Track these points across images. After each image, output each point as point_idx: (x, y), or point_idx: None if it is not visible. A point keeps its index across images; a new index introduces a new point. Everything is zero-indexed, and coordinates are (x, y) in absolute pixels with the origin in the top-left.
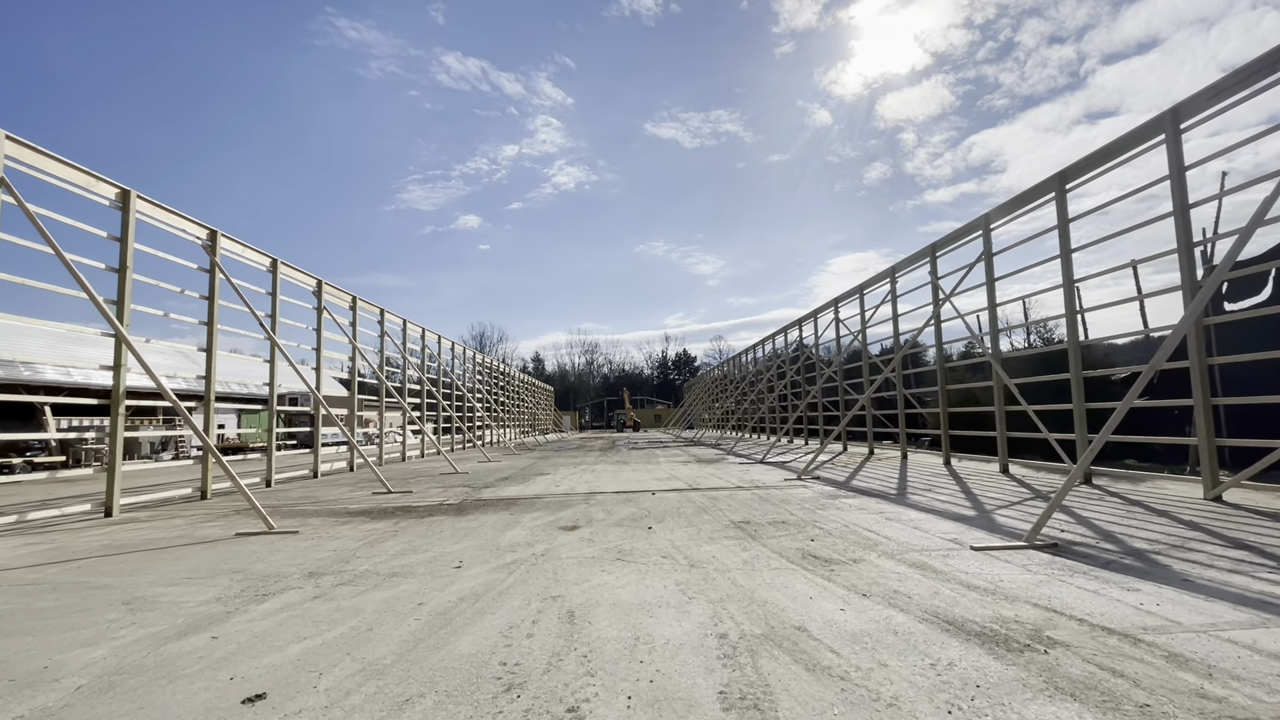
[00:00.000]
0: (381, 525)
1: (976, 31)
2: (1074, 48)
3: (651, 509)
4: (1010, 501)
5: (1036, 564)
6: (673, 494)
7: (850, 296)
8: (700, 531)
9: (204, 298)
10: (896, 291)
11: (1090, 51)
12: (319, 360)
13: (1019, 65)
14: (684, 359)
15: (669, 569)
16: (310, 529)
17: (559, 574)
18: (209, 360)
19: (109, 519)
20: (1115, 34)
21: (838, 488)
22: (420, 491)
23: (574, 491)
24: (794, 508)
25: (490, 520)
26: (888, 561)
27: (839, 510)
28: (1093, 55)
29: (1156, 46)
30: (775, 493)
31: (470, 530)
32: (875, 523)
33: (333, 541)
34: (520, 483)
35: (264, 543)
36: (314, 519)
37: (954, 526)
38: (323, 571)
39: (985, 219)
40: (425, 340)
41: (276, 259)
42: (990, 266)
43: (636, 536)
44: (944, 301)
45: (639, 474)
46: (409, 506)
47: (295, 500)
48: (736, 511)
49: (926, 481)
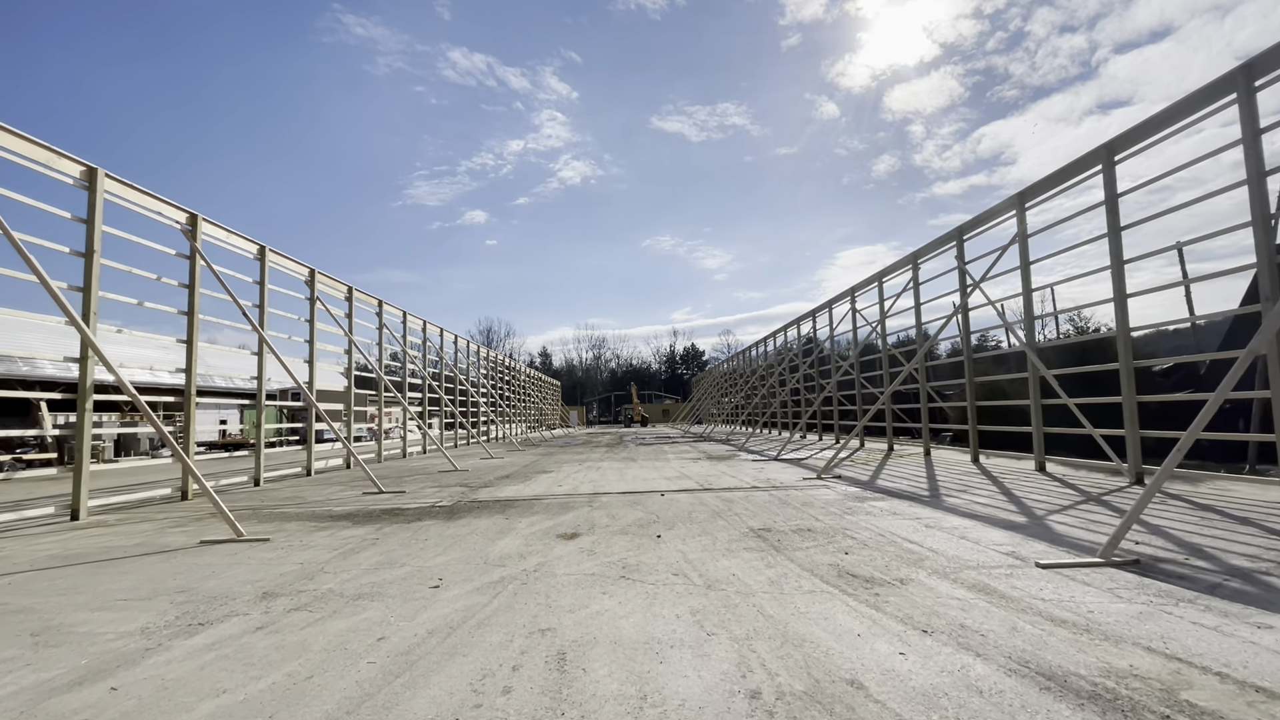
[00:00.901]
0: (362, 531)
1: (986, 21)
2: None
3: (660, 513)
4: (1060, 505)
5: (1125, 588)
6: (683, 495)
7: (868, 285)
8: (716, 541)
9: (184, 286)
10: (919, 279)
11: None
12: (311, 353)
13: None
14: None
15: (682, 591)
16: (284, 536)
17: (551, 597)
18: (189, 352)
19: (75, 523)
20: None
21: (863, 488)
22: (413, 491)
23: (577, 492)
24: (818, 512)
25: (482, 526)
26: (942, 582)
27: (869, 515)
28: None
29: (1170, 35)
30: (795, 494)
31: (458, 539)
32: (914, 531)
33: (303, 552)
34: (520, 482)
35: (226, 553)
36: (292, 523)
37: (1006, 536)
38: (279, 591)
39: (1019, 198)
40: (427, 333)
41: (265, 246)
42: (1025, 249)
43: (644, 547)
44: (973, 288)
45: (647, 472)
46: (397, 509)
47: (279, 501)
48: (755, 516)
49: (959, 481)
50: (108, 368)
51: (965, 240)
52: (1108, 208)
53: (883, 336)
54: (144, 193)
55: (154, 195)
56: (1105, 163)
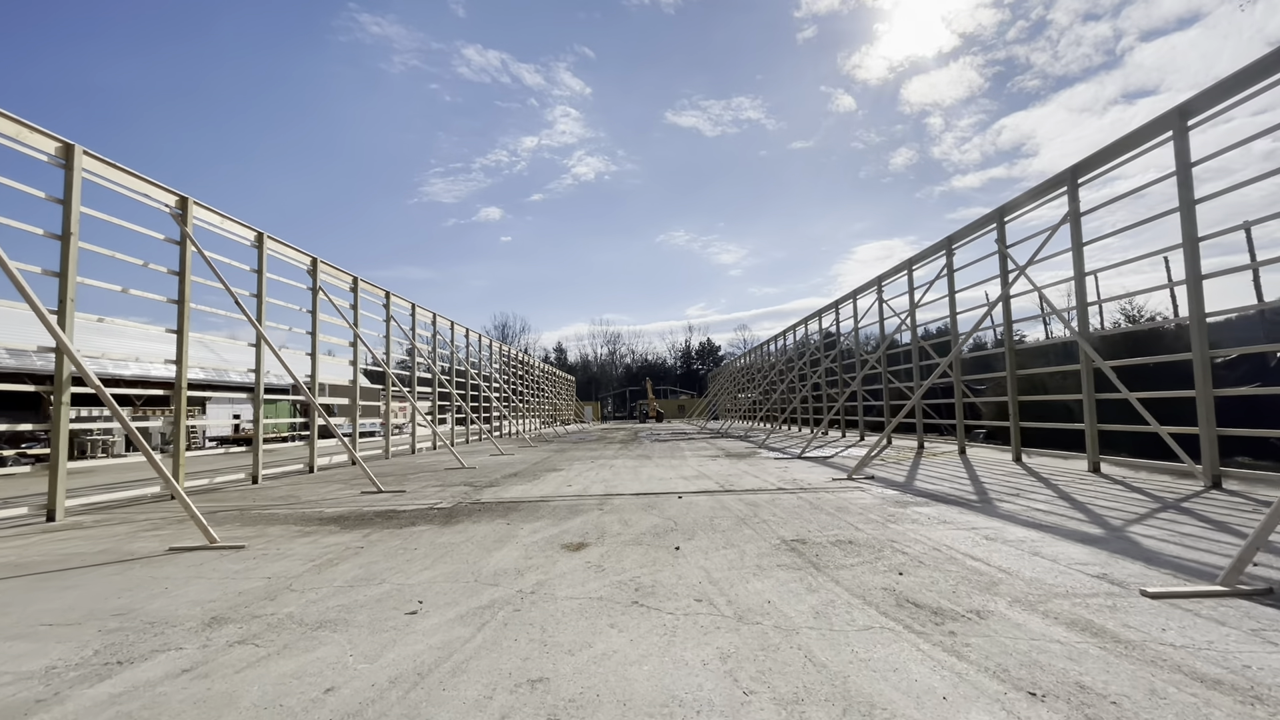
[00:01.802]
0: (348, 538)
1: (1006, 10)
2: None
3: (678, 519)
4: (1135, 514)
5: (1274, 629)
6: (703, 497)
7: (896, 274)
8: (744, 555)
9: (173, 273)
10: (954, 265)
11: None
12: (314, 346)
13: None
14: (707, 348)
15: (707, 624)
16: (261, 542)
17: (549, 630)
18: (180, 344)
19: (50, 524)
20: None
21: (900, 491)
22: (414, 491)
23: (587, 493)
24: (856, 519)
25: (480, 534)
26: (1030, 616)
27: (916, 524)
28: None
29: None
30: (827, 497)
31: (451, 548)
32: (974, 544)
33: (276, 562)
34: (528, 481)
35: (191, 564)
36: (275, 527)
37: (1088, 553)
38: (230, 616)
39: (1072, 172)
40: (437, 326)
41: (262, 232)
42: (1078, 229)
43: (660, 562)
44: (1018, 274)
45: (663, 471)
46: (392, 511)
47: (271, 501)
48: (785, 524)
49: (1007, 484)
50: (72, 360)
51: (1006, 222)
52: (1179, 179)
53: (913, 329)
54: (128, 173)
55: (139, 175)
56: (1177, 129)
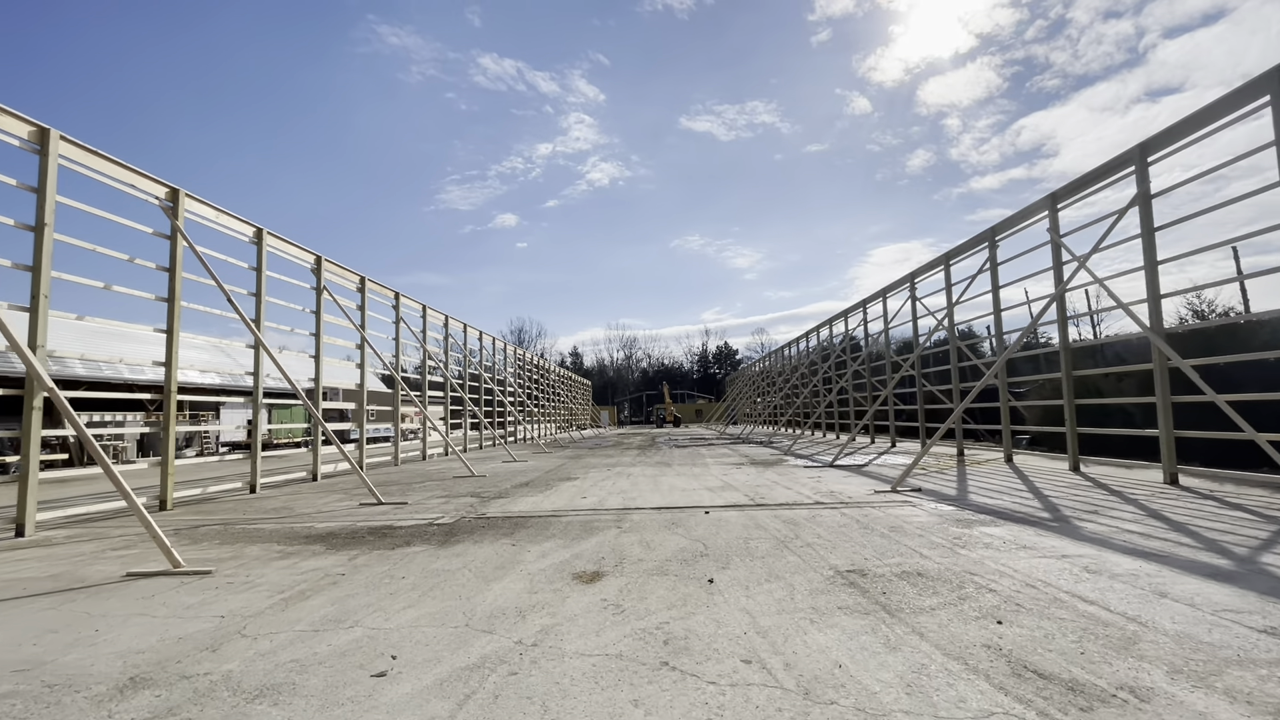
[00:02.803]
0: (330, 562)
1: (1025, 10)
2: (1132, 22)
3: (708, 540)
4: (1257, 539)
5: None
6: (733, 513)
7: (931, 270)
8: (793, 592)
9: (162, 269)
10: (997, 259)
11: (1150, 25)
12: (318, 348)
13: (1071, 43)
14: (725, 352)
15: (763, 702)
16: (232, 567)
17: (552, 711)
18: (169, 344)
19: (18, 540)
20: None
21: (956, 506)
22: (417, 503)
23: (603, 506)
24: (917, 542)
25: (480, 557)
26: (1211, 700)
27: (991, 549)
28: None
29: (1224, 17)
30: (875, 514)
31: (444, 577)
32: (1076, 579)
33: (239, 595)
34: (540, 491)
35: (142, 594)
36: (256, 546)
37: (1232, 595)
38: (153, 677)
39: (1141, 150)
40: (449, 329)
41: (262, 228)
42: (1148, 212)
43: (692, 601)
44: (1077, 268)
45: (685, 481)
46: (387, 528)
47: (261, 515)
48: (834, 548)
49: (1077, 498)
50: (22, 356)
51: (1060, 209)
52: None
53: (951, 328)
54: (111, 160)
55: (123, 164)
56: (1276, 94)
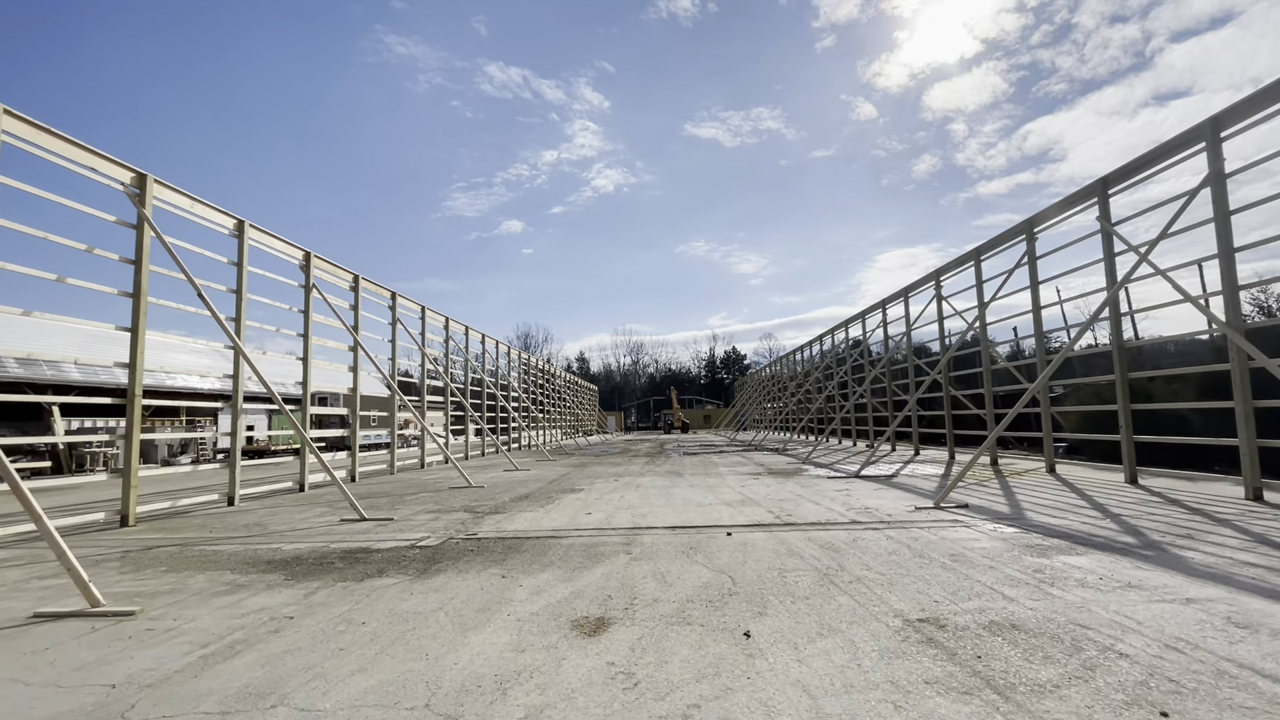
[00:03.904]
0: (282, 599)
1: (1030, 14)
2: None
3: (735, 572)
4: None
5: None
6: (759, 535)
7: (960, 266)
8: (857, 654)
9: (127, 261)
10: (1035, 253)
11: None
12: (306, 350)
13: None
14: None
15: None
16: (167, 603)
17: None
18: (134, 343)
19: None
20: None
21: (1018, 527)
22: (404, 518)
23: (610, 525)
24: (990, 577)
25: (462, 594)
26: None
27: (1087, 588)
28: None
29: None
30: (926, 537)
31: (414, 623)
32: (1232, 640)
33: (152, 649)
34: (540, 505)
35: (28, 649)
36: (204, 575)
37: None
38: None
39: (1212, 125)
40: (450, 332)
41: (244, 221)
42: (1222, 194)
43: (726, 669)
44: (1138, 260)
45: (699, 493)
46: (363, 551)
47: (229, 533)
48: (892, 585)
49: (1156, 517)
50: None
51: (1111, 195)
52: None
53: (983, 329)
54: (69, 141)
55: (83, 146)
56: None
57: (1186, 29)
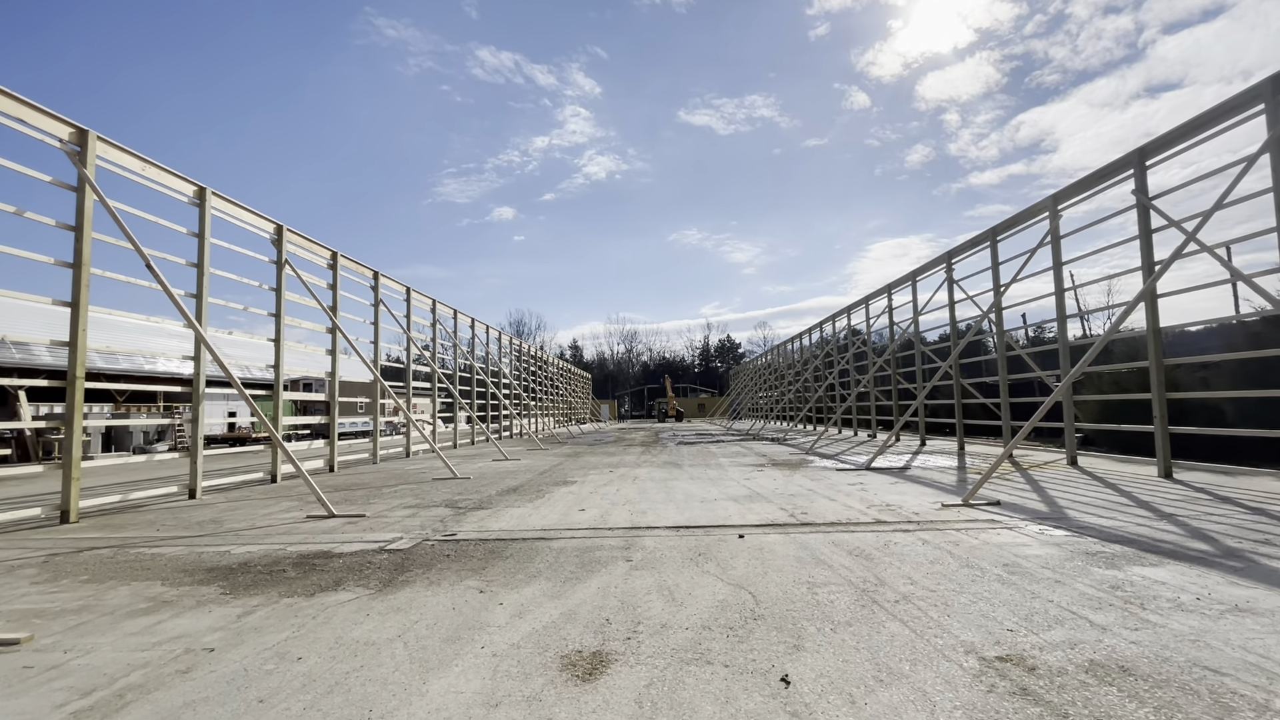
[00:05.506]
0: (207, 622)
1: (1024, 5)
2: (1131, 17)
3: (755, 587)
4: None
5: None
6: (775, 537)
7: (975, 248)
8: (935, 714)
9: (67, 227)
10: (1059, 231)
11: (1149, 21)
12: (278, 331)
13: (1071, 39)
14: (727, 345)
15: None
16: (65, 627)
17: None
18: (74, 319)
19: None
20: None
21: (1067, 529)
22: (376, 515)
23: (606, 525)
24: (1062, 596)
25: (429, 615)
26: None
27: (1187, 611)
28: (1152, 25)
29: (1224, 13)
30: (967, 542)
31: (363, 659)
32: None
33: (11, 701)
34: (529, 500)
35: None
36: (127, 587)
37: None
38: None
39: (1273, 84)
40: (437, 315)
41: (205, 188)
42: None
43: None
44: (1186, 240)
45: (701, 486)
46: (321, 556)
47: (178, 531)
48: (949, 607)
49: (1218, 519)
50: None
51: (1149, 167)
52: None
53: (998, 314)
54: None
55: (9, 93)
56: None
57: (1179, 21)
